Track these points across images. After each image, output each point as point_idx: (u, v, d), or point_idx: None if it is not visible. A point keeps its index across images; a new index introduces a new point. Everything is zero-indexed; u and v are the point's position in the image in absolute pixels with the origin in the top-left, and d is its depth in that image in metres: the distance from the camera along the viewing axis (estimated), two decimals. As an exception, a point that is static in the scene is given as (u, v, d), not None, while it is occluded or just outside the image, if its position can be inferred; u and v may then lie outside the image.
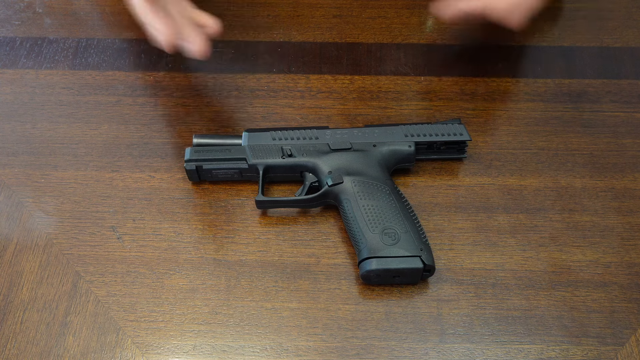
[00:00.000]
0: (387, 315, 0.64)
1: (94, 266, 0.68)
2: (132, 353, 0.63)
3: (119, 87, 0.81)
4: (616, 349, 0.62)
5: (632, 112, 0.78)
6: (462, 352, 0.62)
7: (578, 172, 0.73)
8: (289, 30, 0.86)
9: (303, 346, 0.63)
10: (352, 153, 0.70)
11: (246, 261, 0.68)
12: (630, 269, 0.67)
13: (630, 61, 0.82)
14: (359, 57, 0.83)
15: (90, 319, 0.65)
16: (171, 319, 0.64)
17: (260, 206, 0.70)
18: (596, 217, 0.70)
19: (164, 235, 0.69)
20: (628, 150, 0.75)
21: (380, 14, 0.87)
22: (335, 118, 0.78)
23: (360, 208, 0.66)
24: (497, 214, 0.70)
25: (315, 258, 0.68)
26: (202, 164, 0.70)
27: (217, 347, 0.63)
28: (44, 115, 0.79)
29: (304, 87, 0.80)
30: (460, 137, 0.71)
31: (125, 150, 0.76)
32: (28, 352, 0.63)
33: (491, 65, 0.82)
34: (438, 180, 0.73)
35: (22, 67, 0.83)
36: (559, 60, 0.82)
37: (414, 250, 0.63)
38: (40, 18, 0.88)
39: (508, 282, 0.66)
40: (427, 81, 0.81)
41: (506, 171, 0.73)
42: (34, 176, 0.74)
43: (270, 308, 0.65)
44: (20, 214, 0.71)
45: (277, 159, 0.70)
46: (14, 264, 0.68)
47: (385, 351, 0.62)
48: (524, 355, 0.62)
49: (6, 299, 0.66)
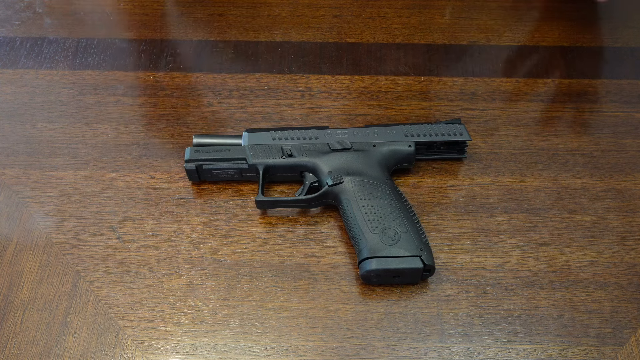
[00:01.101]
0: (387, 315, 0.64)
1: (94, 266, 0.68)
2: (132, 353, 0.63)
3: (119, 87, 0.81)
4: (616, 349, 0.62)
5: (632, 112, 0.78)
6: (462, 352, 0.62)
7: (578, 172, 0.73)
8: (289, 30, 0.86)
9: (303, 346, 0.63)
10: (352, 153, 0.70)
11: (246, 261, 0.68)
12: (630, 269, 0.67)
13: (630, 61, 0.82)
14: (359, 57, 0.83)
15: (90, 319, 0.64)
16: (171, 319, 0.64)
17: (260, 206, 0.70)
18: (596, 217, 0.70)
19: (164, 235, 0.69)
20: (628, 150, 0.75)
21: (380, 14, 0.87)
22: (335, 118, 0.78)
23: (360, 208, 0.66)
24: (497, 214, 0.70)
25: (315, 258, 0.68)
26: (202, 164, 0.70)
27: (217, 347, 0.63)
28: (44, 115, 0.79)
29: (304, 87, 0.80)
30: (460, 137, 0.71)
31: (125, 150, 0.76)
32: (28, 352, 0.63)
33: (491, 65, 0.82)
34: (438, 180, 0.73)
35: (22, 67, 0.83)
36: (559, 60, 0.82)
37: (414, 250, 0.63)
38: (40, 18, 0.88)
39: (508, 282, 0.66)
40: (427, 81, 0.81)
41: (506, 171, 0.73)
42: (34, 176, 0.74)
43: (270, 308, 0.65)
44: (20, 214, 0.71)
45: (277, 159, 0.70)
46: (14, 264, 0.68)
47: (385, 351, 0.62)
48: (524, 355, 0.62)
49: (6, 299, 0.66)
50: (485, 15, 0.87)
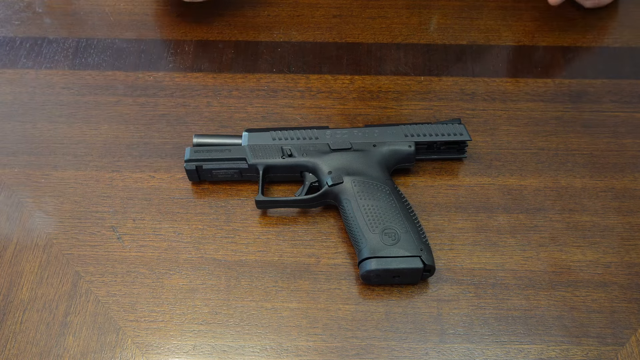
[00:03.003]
0: (387, 315, 0.64)
1: (94, 266, 0.68)
2: (132, 353, 0.63)
3: (119, 87, 0.81)
4: (616, 349, 0.62)
5: (632, 112, 0.78)
6: (462, 352, 0.62)
7: (578, 172, 0.73)
8: (289, 30, 0.86)
9: (303, 346, 0.63)
10: (352, 153, 0.70)
11: (246, 261, 0.68)
12: (630, 269, 0.67)
13: (630, 61, 0.82)
14: (359, 57, 0.83)
15: (90, 319, 0.64)
16: (171, 319, 0.64)
17: (260, 206, 0.70)
18: (596, 217, 0.70)
19: (164, 235, 0.69)
20: (628, 150, 0.75)
21: (380, 14, 0.87)
22: (335, 118, 0.78)
23: (360, 208, 0.66)
24: (497, 214, 0.70)
25: (315, 258, 0.68)
26: (202, 164, 0.70)
27: (217, 347, 0.63)
28: (44, 115, 0.79)
29: (304, 87, 0.80)
30: (460, 137, 0.71)
31: (125, 150, 0.76)
32: (28, 352, 0.63)
33: (491, 65, 0.82)
34: (438, 180, 0.73)
35: (22, 67, 0.83)
36: (559, 60, 0.82)
37: (414, 250, 0.63)
38: (40, 18, 0.88)
39: (508, 282, 0.66)
40: (427, 81, 0.81)
41: (506, 171, 0.73)
42: (34, 176, 0.74)
43: (270, 308, 0.65)
44: (20, 214, 0.71)
45: (277, 159, 0.70)
46: (14, 264, 0.68)
47: (385, 351, 0.62)
48: (524, 355, 0.62)
49: (6, 299, 0.66)
50: (485, 15, 0.87)
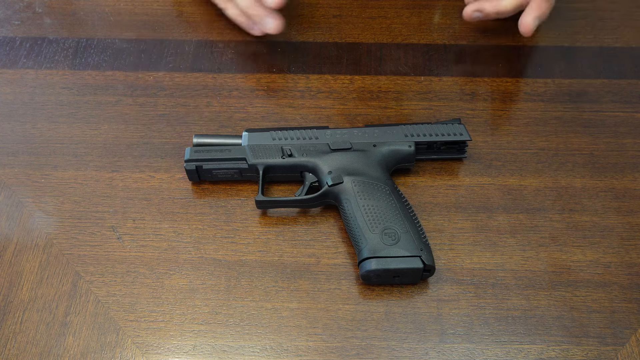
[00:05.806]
0: (387, 315, 0.64)
1: (94, 266, 0.68)
2: (132, 353, 0.63)
3: (119, 87, 0.81)
4: (616, 349, 0.62)
5: (632, 112, 0.78)
6: (462, 352, 0.62)
7: (578, 172, 0.73)
8: (289, 30, 0.86)
9: (303, 346, 0.63)
10: (352, 153, 0.70)
11: (246, 261, 0.68)
12: (630, 269, 0.67)
13: (630, 61, 0.82)
14: (359, 57, 0.83)
15: (90, 319, 0.64)
16: (171, 319, 0.64)
17: (260, 206, 0.70)
18: (596, 217, 0.70)
19: (164, 235, 0.69)
20: (628, 150, 0.75)
21: (380, 14, 0.87)
22: (335, 118, 0.78)
23: (360, 208, 0.66)
24: (497, 214, 0.70)
25: (315, 258, 0.68)
26: (202, 164, 0.70)
27: (217, 347, 0.63)
28: (44, 115, 0.79)
29: (304, 87, 0.80)
30: (460, 137, 0.71)
31: (125, 150, 0.76)
32: (28, 352, 0.63)
33: (491, 65, 0.82)
34: (438, 180, 0.73)
35: (22, 67, 0.83)
36: (559, 60, 0.82)
37: (414, 250, 0.63)
38: (40, 18, 0.88)
39: (508, 282, 0.66)
40: (427, 81, 0.81)
41: (506, 171, 0.73)
42: (34, 176, 0.74)
43: (270, 308, 0.65)
44: (20, 214, 0.71)
45: (277, 159, 0.70)
46: (14, 264, 0.68)
47: (385, 351, 0.62)
48: (524, 355, 0.62)
49: (6, 299, 0.66)
50: (485, 15, 0.87)
